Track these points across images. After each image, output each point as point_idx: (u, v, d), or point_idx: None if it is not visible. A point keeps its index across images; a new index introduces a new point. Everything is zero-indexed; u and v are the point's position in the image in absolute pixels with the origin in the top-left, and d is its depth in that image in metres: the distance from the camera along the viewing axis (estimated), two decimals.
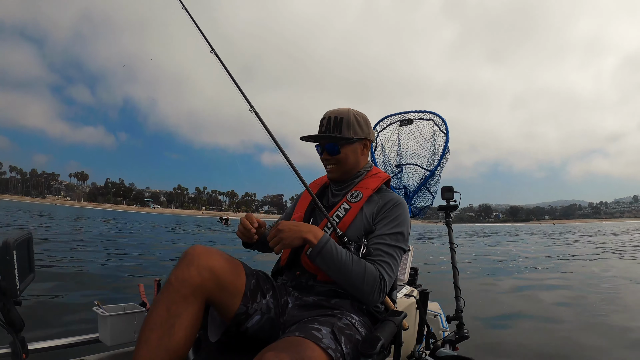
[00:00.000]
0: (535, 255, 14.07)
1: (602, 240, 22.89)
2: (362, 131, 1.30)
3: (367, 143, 1.33)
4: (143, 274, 7.00)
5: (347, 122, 1.27)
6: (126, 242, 13.68)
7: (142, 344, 0.92)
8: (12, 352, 0.86)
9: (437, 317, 2.58)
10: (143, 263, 8.25)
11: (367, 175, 1.34)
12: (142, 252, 10.87)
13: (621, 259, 12.62)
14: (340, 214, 1.23)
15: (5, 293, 0.79)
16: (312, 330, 0.95)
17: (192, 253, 1.02)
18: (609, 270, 9.65)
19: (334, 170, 1.31)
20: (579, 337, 3.94)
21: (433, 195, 2.60)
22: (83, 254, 9.07)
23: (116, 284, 5.88)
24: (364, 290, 1.08)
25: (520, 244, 20.45)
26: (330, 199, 1.35)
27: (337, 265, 1.07)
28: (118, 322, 1.26)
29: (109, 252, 10.11)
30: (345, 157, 1.29)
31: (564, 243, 20.78)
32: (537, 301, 5.86)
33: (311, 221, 1.30)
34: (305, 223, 1.15)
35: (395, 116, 2.72)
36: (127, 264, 7.96)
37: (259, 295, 1.11)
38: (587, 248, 17.08)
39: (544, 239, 26.03)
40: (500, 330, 4.24)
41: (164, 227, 27.15)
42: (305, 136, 1.30)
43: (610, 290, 6.71)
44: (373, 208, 1.23)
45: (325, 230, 1.21)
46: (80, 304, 4.37)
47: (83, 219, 30.93)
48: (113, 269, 7.28)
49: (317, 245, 1.07)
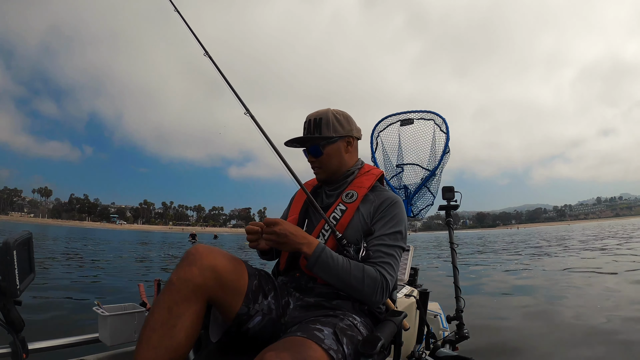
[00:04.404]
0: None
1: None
2: (343, 128, 1.28)
3: (350, 140, 1.30)
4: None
5: (326, 122, 1.26)
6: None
7: (143, 344, 0.92)
8: (12, 352, 0.86)
9: (437, 317, 2.58)
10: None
11: (360, 173, 1.32)
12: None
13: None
14: (337, 216, 1.21)
15: (5, 293, 0.79)
16: (314, 330, 0.94)
17: (195, 253, 1.01)
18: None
19: (321, 172, 1.30)
20: (579, 337, 3.94)
21: (434, 195, 2.60)
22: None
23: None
24: (365, 293, 1.08)
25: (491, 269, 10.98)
26: (324, 200, 1.33)
27: (335, 273, 1.07)
28: (118, 322, 1.26)
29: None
30: (328, 157, 1.27)
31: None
32: (538, 301, 5.85)
33: (306, 223, 1.29)
34: (301, 232, 1.11)
35: (396, 116, 2.72)
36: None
37: (260, 296, 1.11)
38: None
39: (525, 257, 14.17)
40: (501, 330, 4.24)
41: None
42: (289, 140, 1.29)
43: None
44: (369, 208, 1.22)
45: (323, 232, 1.20)
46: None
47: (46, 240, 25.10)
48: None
49: (312, 256, 1.07)
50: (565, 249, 16.32)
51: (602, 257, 12.16)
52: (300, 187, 1.27)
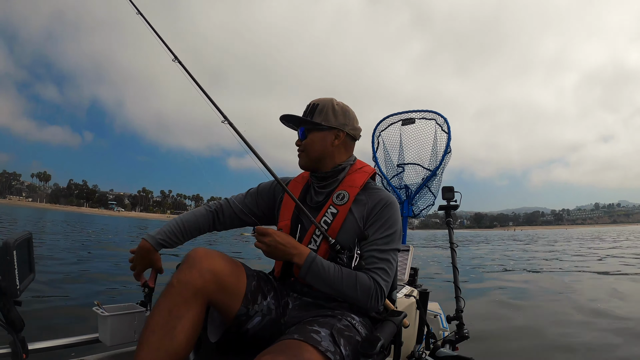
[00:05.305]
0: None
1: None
2: (337, 120, 1.23)
3: (339, 134, 1.23)
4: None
5: (321, 109, 1.22)
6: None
7: (143, 346, 0.92)
8: (12, 352, 0.86)
9: (437, 317, 2.58)
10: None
11: (351, 170, 1.26)
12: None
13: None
14: (328, 220, 1.17)
15: (5, 293, 0.79)
16: (310, 332, 0.94)
17: (194, 256, 1.02)
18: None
19: (302, 156, 1.25)
20: (580, 337, 3.93)
21: (435, 195, 2.60)
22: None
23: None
24: (359, 300, 1.07)
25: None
26: (313, 198, 1.27)
27: (327, 282, 1.06)
28: (118, 322, 1.25)
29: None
30: (311, 143, 1.22)
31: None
32: (538, 302, 5.86)
33: (299, 228, 1.23)
34: (292, 242, 1.10)
35: (397, 115, 2.72)
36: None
37: (259, 296, 1.11)
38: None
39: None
40: (501, 330, 4.24)
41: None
42: (284, 115, 1.26)
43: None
44: (362, 210, 1.17)
45: (315, 238, 1.17)
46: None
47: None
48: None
49: (303, 267, 1.06)
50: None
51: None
52: (289, 195, 1.21)
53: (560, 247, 21.04)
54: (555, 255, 15.89)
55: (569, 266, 11.10)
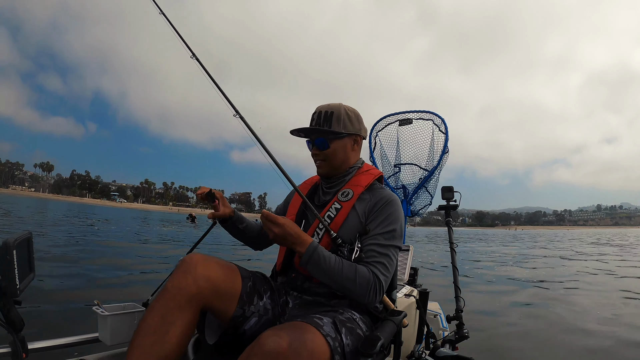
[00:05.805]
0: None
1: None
2: (353, 126, 1.27)
3: (357, 139, 1.30)
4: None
5: (337, 117, 1.24)
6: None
7: (134, 349, 0.93)
8: (12, 352, 0.86)
9: (437, 317, 2.58)
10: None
11: (359, 172, 1.30)
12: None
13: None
14: (331, 214, 1.20)
15: (5, 293, 0.79)
16: (314, 318, 0.96)
17: (189, 262, 1.02)
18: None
19: (323, 165, 1.28)
20: (580, 337, 3.94)
21: (432, 196, 2.60)
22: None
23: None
24: (358, 293, 1.07)
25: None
26: (321, 197, 1.32)
27: (327, 272, 1.07)
28: (118, 321, 1.25)
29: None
30: (334, 152, 1.26)
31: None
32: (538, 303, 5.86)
33: (303, 222, 1.29)
34: (298, 230, 1.11)
35: (395, 116, 2.72)
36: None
37: (255, 297, 1.12)
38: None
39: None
40: (501, 330, 4.24)
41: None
42: (295, 129, 1.27)
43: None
44: (365, 207, 1.20)
45: (318, 231, 1.19)
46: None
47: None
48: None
49: (305, 254, 1.07)
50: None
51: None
52: (296, 191, 1.25)
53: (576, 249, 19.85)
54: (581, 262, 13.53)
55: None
